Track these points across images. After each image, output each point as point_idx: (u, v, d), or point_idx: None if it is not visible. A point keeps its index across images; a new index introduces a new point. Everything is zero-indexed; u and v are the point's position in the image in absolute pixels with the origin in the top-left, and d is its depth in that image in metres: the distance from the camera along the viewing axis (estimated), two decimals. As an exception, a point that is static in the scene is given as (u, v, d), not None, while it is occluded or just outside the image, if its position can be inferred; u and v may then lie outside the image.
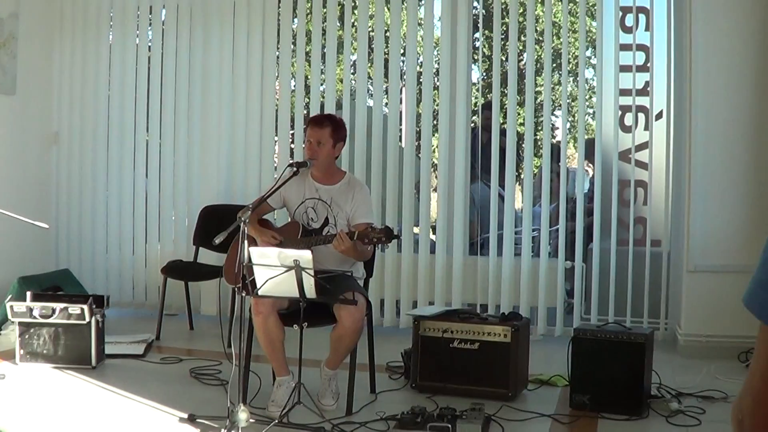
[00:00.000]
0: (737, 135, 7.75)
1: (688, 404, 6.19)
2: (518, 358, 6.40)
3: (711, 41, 7.70)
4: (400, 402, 6.31)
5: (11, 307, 7.24)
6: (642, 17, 8.38)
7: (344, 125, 6.58)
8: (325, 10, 9.06)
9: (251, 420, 5.39)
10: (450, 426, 5.56)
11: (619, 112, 8.45)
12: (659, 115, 8.36)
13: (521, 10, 8.56)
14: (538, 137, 8.75)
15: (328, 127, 6.39)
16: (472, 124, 9.11)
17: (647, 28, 8.34)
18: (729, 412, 1.68)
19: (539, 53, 8.77)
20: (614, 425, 5.85)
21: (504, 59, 8.68)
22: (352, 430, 5.64)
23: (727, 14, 7.72)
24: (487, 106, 9.43)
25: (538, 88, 9.09)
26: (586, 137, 8.79)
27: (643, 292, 8.34)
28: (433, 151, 9.12)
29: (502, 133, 8.68)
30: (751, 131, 7.74)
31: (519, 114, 8.77)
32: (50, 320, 7.18)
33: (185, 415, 5.86)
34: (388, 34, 8.95)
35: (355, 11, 9.02)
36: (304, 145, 6.55)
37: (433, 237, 9.17)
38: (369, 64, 9.18)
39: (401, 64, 9.05)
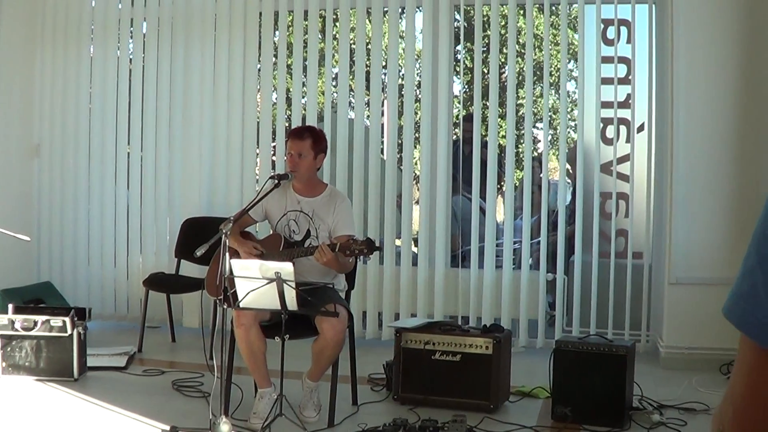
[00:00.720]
0: (719, 147, 7.78)
1: (669, 416, 6.22)
2: (500, 370, 6.41)
3: (692, 53, 7.74)
4: (381, 414, 6.32)
5: (-7, 319, 7.23)
6: (624, 30, 8.41)
7: (324, 137, 6.60)
8: (306, 22, 9.07)
9: (233, 432, 5.40)
10: (432, 438, 5.58)
11: (601, 125, 8.47)
12: (641, 128, 8.38)
13: (503, 23, 8.60)
14: (519, 149, 8.76)
15: (309, 139, 6.40)
16: (454, 137, 9.13)
17: (629, 41, 8.37)
18: (710, 424, 1.69)
19: (521, 65, 8.78)
20: (596, 437, 5.86)
21: (486, 71, 8.71)
22: (334, 442, 5.64)
23: (708, 27, 7.76)
24: (468, 119, 9.45)
25: (519, 101, 9.10)
26: (567, 150, 8.81)
27: (625, 305, 8.35)
28: (415, 164, 9.11)
29: (484, 145, 8.70)
30: (733, 143, 7.77)
31: (501, 126, 8.79)
32: (32, 333, 7.16)
33: (167, 427, 5.85)
34: (369, 46, 8.97)
35: (337, 24, 9.02)
36: (285, 158, 6.55)
37: (414, 249, 9.17)
38: (350, 77, 9.19)
39: (383, 76, 9.06)
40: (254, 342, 5.99)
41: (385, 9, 8.90)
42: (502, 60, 8.74)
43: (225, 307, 5.61)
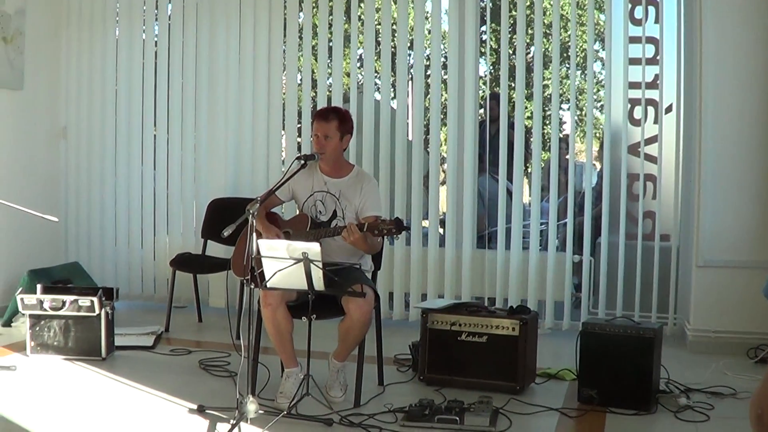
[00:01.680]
0: (748, 128, 7.71)
1: (696, 400, 6.18)
2: (526, 352, 6.39)
3: (721, 33, 7.66)
4: (407, 394, 6.32)
5: (22, 299, 7.26)
6: (651, 9, 8.36)
7: (350, 117, 6.57)
8: (331, 3, 9.06)
9: (260, 411, 5.39)
10: (458, 419, 5.57)
11: (628, 106, 8.43)
12: (669, 109, 8.33)
13: (528, 3, 8.54)
14: (546, 131, 8.72)
15: (335, 121, 6.39)
16: (480, 117, 9.09)
17: (656, 21, 8.32)
18: (737, 409, 1.67)
19: (547, 46, 8.75)
20: (622, 420, 5.83)
21: (511, 52, 8.65)
22: (360, 422, 5.63)
23: (737, 6, 7.68)
24: (493, 97, 9.41)
25: (545, 82, 9.05)
26: (594, 131, 8.76)
27: (652, 287, 8.32)
28: (442, 145, 9.08)
29: (510, 126, 8.66)
30: (761, 124, 7.69)
31: (527, 108, 8.75)
32: (60, 312, 7.20)
33: (194, 406, 5.88)
34: (395, 27, 8.92)
35: (362, 4, 8.99)
36: (311, 139, 6.53)
37: (441, 230, 9.16)
38: (376, 58, 9.18)
39: (408, 57, 9.04)
40: (281, 322, 6.00)
41: (411, -10, 8.88)
42: (528, 40, 8.70)
43: (252, 287, 5.61)
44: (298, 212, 6.64)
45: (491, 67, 11.91)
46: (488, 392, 6.09)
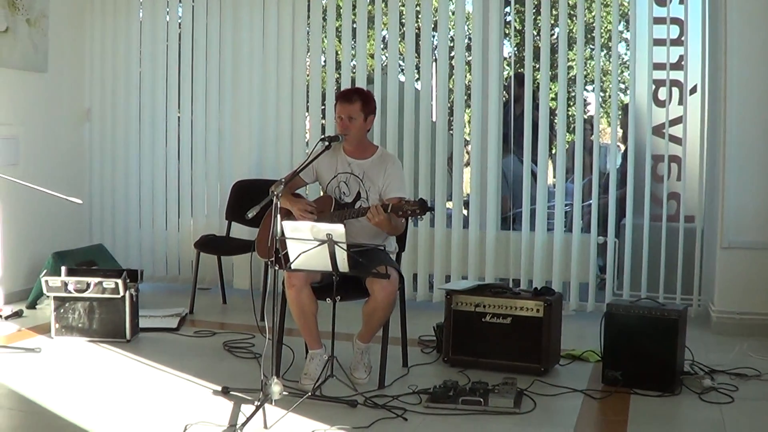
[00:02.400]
0: (773, 110, 7.68)
1: (720, 381, 6.16)
2: (550, 333, 6.39)
3: (746, 14, 7.61)
4: (432, 376, 6.33)
5: (46, 281, 7.29)
6: (676, -10, 8.33)
7: (373, 98, 6.55)
8: (355, -16, 9.04)
9: (284, 393, 5.42)
10: (482, 400, 5.58)
11: (653, 87, 8.39)
12: (693, 90, 8.29)
13: (553, -17, 8.52)
14: (570, 112, 8.68)
15: (358, 102, 6.37)
16: (504, 99, 9.06)
17: (681, 2, 8.27)
18: (761, 390, 1.67)
19: (571, 27, 8.70)
20: (647, 401, 5.83)
21: (536, 33, 8.63)
22: (384, 403, 5.64)
23: (762, -13, 7.65)
24: (518, 77, 9.37)
25: (570, 63, 9.01)
26: (619, 112, 8.73)
27: (676, 268, 8.29)
28: (465, 126, 9.06)
29: (535, 107, 8.64)
30: (787, 105, 7.67)
31: (551, 89, 8.72)
32: (85, 294, 7.23)
33: (219, 388, 5.90)
34: (419, 8, 8.90)
35: (386, -14, 8.98)
36: (335, 121, 6.52)
37: (465, 212, 9.15)
38: (400, 39, 9.16)
39: (432, 38, 9.02)
40: (305, 303, 6.01)
41: (435, -29, 8.86)
42: (552, 21, 8.66)
43: (276, 268, 5.62)
44: (321, 194, 6.63)
45: (515, 49, 11.87)
46: (512, 374, 6.10)
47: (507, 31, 8.93)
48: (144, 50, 9.67)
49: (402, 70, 9.24)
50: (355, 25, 9.11)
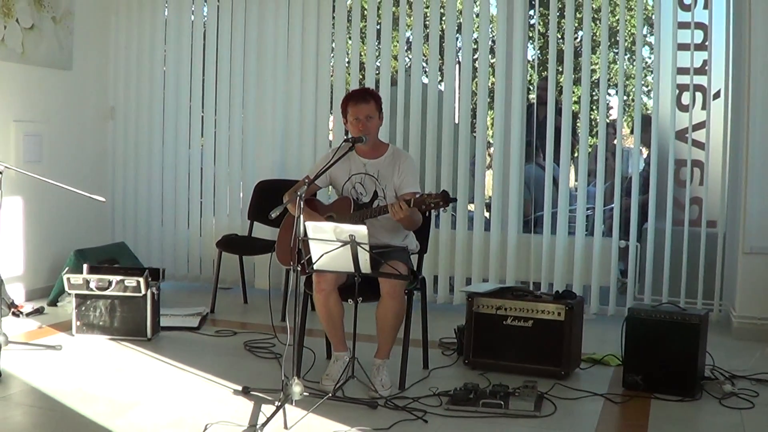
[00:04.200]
0: (796, 116, 7.65)
1: (741, 387, 6.15)
2: (571, 337, 6.38)
3: (771, 20, 7.61)
4: (452, 378, 6.33)
5: (68, 279, 7.32)
6: (701, -5, 8.32)
7: (380, 97, 6.61)
8: (380, -14, 9.05)
9: (305, 393, 5.43)
10: (503, 403, 5.58)
11: (677, 91, 8.38)
12: (717, 95, 8.27)
13: (577, -13, 8.50)
14: (593, 116, 8.68)
15: (373, 101, 6.41)
16: (528, 102, 9.06)
17: (705, 6, 8.27)
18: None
19: (595, 31, 8.70)
20: (667, 406, 5.82)
21: (560, 37, 8.62)
22: (404, 404, 5.65)
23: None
24: (542, 81, 9.37)
25: (593, 66, 9.01)
26: (642, 116, 8.71)
27: (698, 273, 8.27)
28: (488, 129, 9.05)
29: (558, 111, 8.64)
30: (810, 111, 7.65)
31: (574, 92, 8.71)
32: (106, 292, 7.25)
33: (239, 387, 5.92)
34: (443, 10, 8.90)
35: (410, -12, 8.99)
36: (350, 122, 6.48)
37: (487, 214, 9.15)
38: (424, 41, 9.16)
39: (456, 41, 9.01)
40: (333, 307, 6.02)
41: (459, -27, 8.85)
42: (576, 25, 8.65)
43: (298, 272, 5.63)
44: (337, 197, 6.63)
45: (539, 52, 11.87)
46: (533, 377, 6.11)
47: (531, 34, 8.90)
48: (168, 49, 9.71)
49: (425, 71, 9.26)
50: (379, 27, 9.13)
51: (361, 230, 5.43)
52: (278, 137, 9.41)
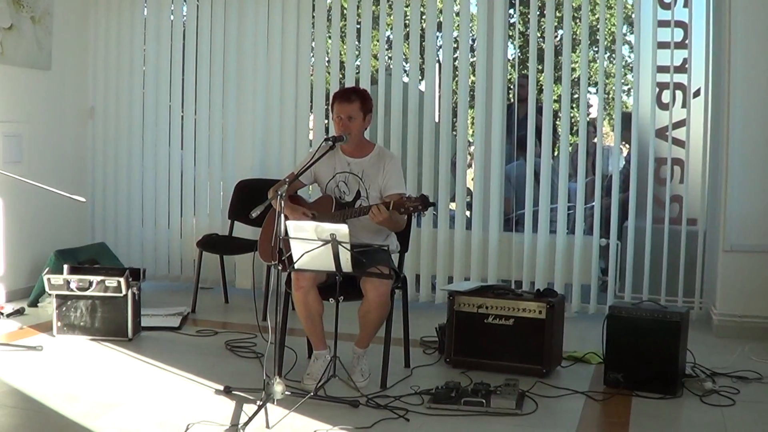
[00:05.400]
0: (776, 113, 7.68)
1: (722, 384, 6.17)
2: (553, 335, 6.39)
3: (750, 18, 7.61)
4: (434, 377, 6.33)
5: (48, 279, 7.29)
6: (680, -7, 8.34)
7: (370, 96, 6.59)
8: (360, -15, 9.05)
9: (286, 393, 5.43)
10: (484, 401, 5.59)
11: (657, 90, 8.40)
12: (697, 93, 8.30)
13: (557, -14, 8.52)
14: (573, 114, 8.69)
15: (357, 101, 6.39)
16: (508, 101, 9.07)
17: (686, 5, 8.28)
18: (763, 393, 1.68)
19: (575, 29, 8.71)
20: (648, 403, 5.83)
21: (539, 35, 8.63)
22: (386, 403, 5.64)
23: (766, -10, 7.65)
24: (522, 78, 9.38)
25: (573, 65, 9.02)
26: (622, 114, 8.72)
27: (678, 271, 8.30)
28: (469, 128, 9.05)
29: (538, 110, 8.65)
30: (791, 109, 7.67)
31: (554, 91, 8.72)
32: (87, 293, 7.23)
33: (221, 387, 5.91)
34: (423, 9, 8.89)
35: (391, -13, 8.99)
36: (333, 121, 6.51)
37: (468, 213, 9.15)
38: (404, 40, 9.16)
39: (437, 40, 9.01)
40: (312, 305, 6.02)
41: (440, -28, 8.85)
42: (556, 23, 8.66)
43: (280, 269, 5.62)
44: (320, 195, 6.63)
45: (519, 51, 11.88)
46: (514, 375, 6.11)
47: (511, 33, 8.91)
48: (148, 49, 9.68)
49: (406, 71, 9.26)
50: (359, 26, 9.12)
51: (341, 229, 5.44)
52: (258, 136, 9.39)
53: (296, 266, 5.61)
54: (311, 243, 5.49)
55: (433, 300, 8.89)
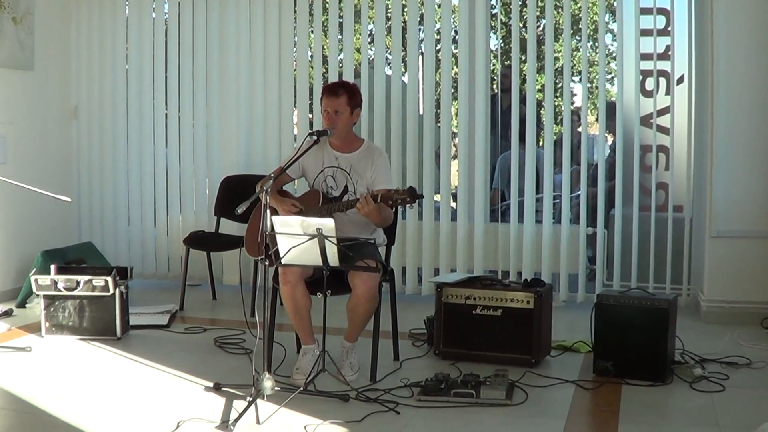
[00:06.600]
0: (760, 98, 7.66)
1: (711, 370, 6.17)
2: (541, 325, 6.39)
3: (732, 4, 7.62)
4: (423, 369, 6.32)
5: (36, 280, 7.27)
6: (662, -20, 8.34)
7: (359, 91, 6.53)
8: (341, -21, 9.04)
9: (276, 388, 5.42)
10: (474, 392, 5.58)
11: (640, 77, 8.41)
12: (680, 80, 8.32)
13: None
14: (557, 104, 8.70)
15: (344, 96, 6.36)
16: (492, 92, 9.07)
17: (668, -8, 8.31)
18: (752, 379, 1.67)
19: (558, 18, 8.71)
20: (638, 391, 5.83)
21: (522, 25, 8.63)
22: (376, 397, 5.64)
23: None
24: (506, 68, 9.38)
25: (556, 54, 9.02)
26: (606, 103, 8.72)
27: (666, 258, 8.32)
28: (453, 119, 9.05)
29: (522, 100, 8.65)
30: (773, 94, 7.68)
31: (538, 80, 8.73)
32: (75, 293, 7.21)
33: (210, 384, 5.89)
34: (405, 2, 8.89)
35: (372, -21, 8.98)
36: (321, 115, 6.50)
37: (453, 204, 9.15)
38: (386, 33, 9.15)
39: (419, 32, 9.01)
40: (300, 299, 6.00)
41: (421, -36, 8.84)
42: (539, 13, 8.66)
43: (266, 264, 5.61)
44: (308, 189, 6.62)
45: (502, 41, 11.88)
46: (504, 365, 6.10)
47: (493, 24, 8.91)
48: (130, 47, 9.66)
49: (389, 63, 9.25)
50: (341, 20, 9.11)
51: (327, 223, 5.42)
52: (243, 132, 9.38)
53: (283, 261, 5.60)
54: (298, 238, 5.47)
55: (420, 292, 8.90)
